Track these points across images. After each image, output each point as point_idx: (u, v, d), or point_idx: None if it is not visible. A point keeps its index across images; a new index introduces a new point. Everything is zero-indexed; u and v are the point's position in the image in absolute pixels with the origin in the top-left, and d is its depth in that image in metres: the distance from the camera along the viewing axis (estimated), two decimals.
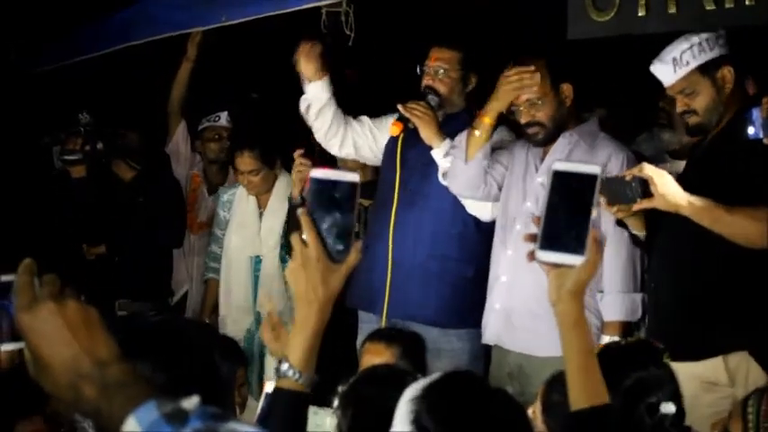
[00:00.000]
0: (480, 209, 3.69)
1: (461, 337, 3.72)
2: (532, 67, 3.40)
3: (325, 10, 4.01)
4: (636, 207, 2.84)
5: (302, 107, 3.89)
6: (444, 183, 3.67)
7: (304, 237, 1.49)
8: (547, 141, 3.47)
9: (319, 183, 1.49)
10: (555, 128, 3.44)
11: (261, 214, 4.49)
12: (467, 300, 3.71)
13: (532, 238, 1.51)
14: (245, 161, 4.40)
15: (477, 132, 3.48)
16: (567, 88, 3.45)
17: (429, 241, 3.72)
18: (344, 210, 1.49)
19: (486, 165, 3.53)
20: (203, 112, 5.08)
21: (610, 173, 3.08)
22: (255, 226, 4.46)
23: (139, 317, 4.31)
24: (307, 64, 3.79)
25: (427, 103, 3.70)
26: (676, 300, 3.05)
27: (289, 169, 4.28)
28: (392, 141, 3.86)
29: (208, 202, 5.04)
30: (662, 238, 3.06)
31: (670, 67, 2.98)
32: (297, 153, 3.99)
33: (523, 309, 3.42)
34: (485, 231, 3.72)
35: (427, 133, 3.65)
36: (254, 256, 4.45)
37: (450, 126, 3.71)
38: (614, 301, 3.37)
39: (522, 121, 3.45)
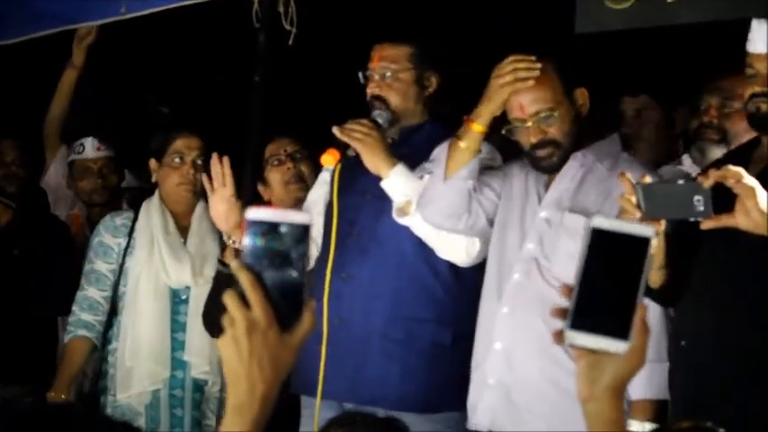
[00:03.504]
0: (454, 250, 3.24)
1: (438, 424, 3.30)
2: (533, 57, 3.08)
3: None
4: (707, 225, 2.47)
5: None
6: (401, 221, 3.23)
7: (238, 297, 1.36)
8: (562, 165, 3.10)
9: (259, 226, 1.34)
10: (572, 146, 3.10)
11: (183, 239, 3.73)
12: (444, 374, 3.29)
13: (562, 313, 1.39)
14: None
15: (462, 143, 3.08)
16: (582, 94, 3.09)
17: (388, 300, 3.28)
18: (292, 261, 1.34)
19: (471, 187, 3.13)
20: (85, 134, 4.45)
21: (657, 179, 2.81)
22: (180, 249, 3.70)
23: (12, 404, 3.67)
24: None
25: (372, 120, 3.26)
26: (729, 362, 2.67)
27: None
28: (328, 175, 3.46)
29: None
30: (701, 275, 2.70)
31: None
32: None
33: (527, 383, 3.05)
34: (464, 282, 3.28)
35: (372, 160, 3.22)
36: (178, 287, 3.67)
37: (411, 143, 3.31)
38: (644, 373, 2.91)
39: (532, 140, 3.07)
